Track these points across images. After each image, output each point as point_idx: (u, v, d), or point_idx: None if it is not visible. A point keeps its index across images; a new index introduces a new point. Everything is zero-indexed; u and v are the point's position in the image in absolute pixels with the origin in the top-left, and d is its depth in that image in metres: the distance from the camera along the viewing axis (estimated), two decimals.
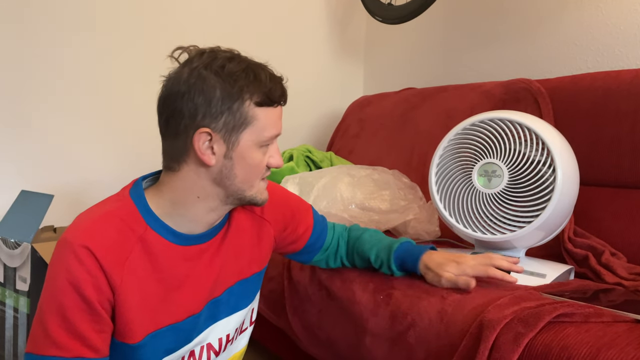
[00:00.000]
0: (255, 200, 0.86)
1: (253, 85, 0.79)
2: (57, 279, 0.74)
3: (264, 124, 0.81)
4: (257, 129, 0.80)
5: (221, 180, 0.82)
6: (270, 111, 0.82)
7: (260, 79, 0.80)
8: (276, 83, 0.82)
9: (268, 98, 0.80)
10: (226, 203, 0.85)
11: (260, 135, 0.81)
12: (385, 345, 0.97)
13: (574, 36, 1.61)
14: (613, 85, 1.29)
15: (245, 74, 0.79)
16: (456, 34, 2.01)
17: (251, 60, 0.83)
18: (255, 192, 0.85)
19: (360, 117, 2.10)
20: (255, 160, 0.82)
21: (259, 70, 0.81)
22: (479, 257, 0.96)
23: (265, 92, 0.80)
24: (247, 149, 0.81)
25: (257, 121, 0.80)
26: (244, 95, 0.78)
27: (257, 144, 0.81)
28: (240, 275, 0.94)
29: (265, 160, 0.84)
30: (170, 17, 1.94)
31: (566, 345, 0.74)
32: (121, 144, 1.88)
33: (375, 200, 1.54)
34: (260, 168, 0.84)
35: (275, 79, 0.83)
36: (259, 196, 0.86)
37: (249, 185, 0.84)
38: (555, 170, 1.02)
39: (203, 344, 0.91)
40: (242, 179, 0.83)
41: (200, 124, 0.78)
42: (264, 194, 0.88)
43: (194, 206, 0.83)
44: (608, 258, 1.14)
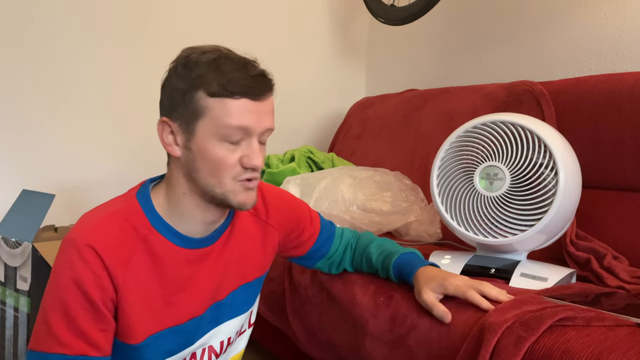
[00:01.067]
0: (228, 201, 0.80)
1: (211, 75, 0.75)
2: (61, 277, 0.75)
3: (219, 116, 0.75)
4: (212, 120, 0.76)
5: (190, 174, 0.80)
6: (228, 102, 0.75)
7: (221, 69, 0.75)
8: (242, 75, 0.76)
9: (224, 88, 0.75)
10: (207, 201, 0.81)
11: (216, 127, 0.76)
12: (385, 348, 0.97)
13: (577, 38, 1.61)
14: (616, 87, 1.29)
15: (207, 64, 0.76)
16: (459, 36, 2.00)
17: (228, 53, 0.79)
18: (225, 192, 0.79)
19: (362, 118, 2.10)
20: (215, 155, 0.77)
21: (225, 60, 0.77)
22: (470, 280, 0.92)
23: (222, 82, 0.75)
24: (204, 142, 0.77)
25: (211, 112, 0.76)
26: (198, 84, 0.75)
27: (216, 137, 0.76)
28: (244, 279, 0.94)
29: (234, 158, 0.78)
30: (171, 17, 1.94)
31: (568, 349, 0.73)
32: (123, 143, 1.88)
33: (377, 201, 1.53)
34: (226, 165, 0.78)
35: (243, 71, 0.76)
36: (232, 197, 0.80)
37: (217, 182, 0.78)
38: (558, 173, 1.01)
39: (205, 346, 0.91)
40: (207, 174, 0.78)
41: (163, 114, 0.80)
42: (240, 196, 0.80)
43: (184, 203, 0.82)
44: (610, 261, 1.14)
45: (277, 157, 1.86)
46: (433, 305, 0.89)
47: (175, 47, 0.83)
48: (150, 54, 1.88)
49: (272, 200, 0.99)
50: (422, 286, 0.93)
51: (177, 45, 0.84)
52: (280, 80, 0.84)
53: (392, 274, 1.01)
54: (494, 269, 1.08)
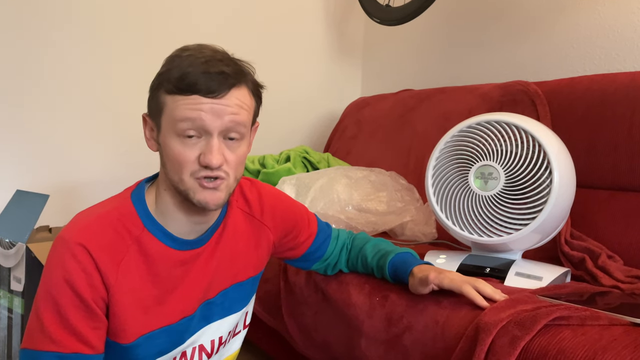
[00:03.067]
0: (190, 199, 0.79)
1: (169, 72, 0.77)
2: (53, 276, 0.75)
3: (172, 112, 0.76)
4: (168, 116, 0.77)
5: (163, 170, 0.82)
6: (181, 99, 0.75)
7: (177, 66, 0.76)
8: (195, 71, 0.75)
9: (175, 86, 0.75)
10: (181, 200, 0.81)
11: (171, 123, 0.76)
12: (380, 348, 0.97)
13: (572, 39, 1.61)
14: (610, 88, 1.29)
15: (169, 61, 0.78)
16: (454, 36, 2.01)
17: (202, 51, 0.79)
18: (186, 189, 0.78)
19: (357, 118, 2.10)
20: (172, 150, 0.77)
21: (186, 59, 0.77)
22: (465, 276, 0.92)
23: (174, 79, 0.75)
24: (165, 137, 0.78)
25: (167, 108, 0.77)
26: (161, 82, 0.78)
27: (173, 132, 0.77)
28: (236, 279, 0.93)
29: (192, 155, 0.77)
30: (168, 18, 1.94)
31: (562, 349, 0.73)
32: (117, 144, 1.87)
33: (372, 201, 1.53)
34: (183, 161, 0.77)
35: (198, 67, 0.76)
36: (192, 195, 0.78)
37: (178, 178, 0.78)
38: (552, 172, 1.01)
39: (195, 345, 0.90)
40: (171, 169, 0.79)
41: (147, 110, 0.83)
42: (200, 195, 0.78)
43: (166, 200, 0.82)
44: (605, 261, 1.14)
45: (273, 157, 1.86)
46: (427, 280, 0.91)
47: (171, 47, 0.83)
48: (147, 55, 1.88)
49: (269, 200, 0.99)
50: (419, 275, 0.93)
51: (173, 46, 0.84)
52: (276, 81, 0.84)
53: (387, 273, 1.01)
54: (489, 268, 1.08)
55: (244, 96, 0.79)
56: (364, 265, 1.07)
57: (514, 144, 1.06)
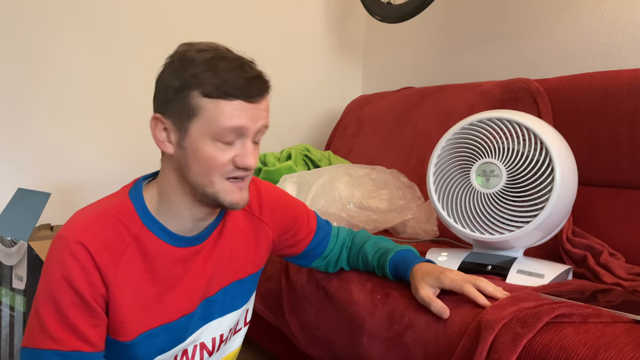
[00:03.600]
0: (219, 201, 0.80)
1: (206, 75, 0.75)
2: (52, 274, 0.75)
3: (213, 117, 0.75)
4: (206, 120, 0.75)
5: (182, 172, 0.80)
6: (222, 104, 0.75)
7: (216, 70, 0.75)
8: (237, 76, 0.75)
9: (218, 90, 0.75)
10: (197, 200, 0.81)
11: (210, 127, 0.76)
12: (382, 346, 0.97)
13: (573, 36, 1.61)
14: (612, 85, 1.29)
15: (203, 63, 0.75)
16: (455, 33, 2.00)
17: (228, 53, 0.79)
18: (216, 191, 0.79)
19: (358, 116, 2.10)
20: (208, 154, 0.77)
21: (221, 61, 0.76)
22: (466, 275, 0.92)
23: (216, 83, 0.74)
24: (197, 141, 0.76)
25: (205, 112, 0.75)
26: (192, 84, 0.75)
27: (209, 136, 0.76)
28: (236, 276, 0.93)
29: (227, 157, 0.78)
30: (168, 16, 1.93)
31: (565, 346, 0.73)
32: (118, 142, 1.87)
33: (374, 199, 1.53)
34: (217, 164, 0.77)
35: (239, 72, 0.76)
36: (223, 197, 0.79)
37: (208, 181, 0.78)
38: (554, 170, 1.01)
39: (196, 343, 0.90)
40: (198, 173, 0.78)
41: (156, 109, 0.79)
42: (232, 196, 0.80)
43: (173, 199, 0.82)
44: (606, 258, 1.14)
45: (274, 155, 1.86)
46: (431, 300, 0.89)
47: (172, 46, 0.82)
48: (148, 54, 1.88)
49: (267, 198, 0.99)
50: (419, 282, 0.92)
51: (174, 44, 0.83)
52: (277, 79, 0.84)
53: (388, 271, 1.01)
54: (491, 265, 1.08)
55: (268, 100, 0.81)
56: (364, 264, 1.07)
57: (516, 142, 1.06)
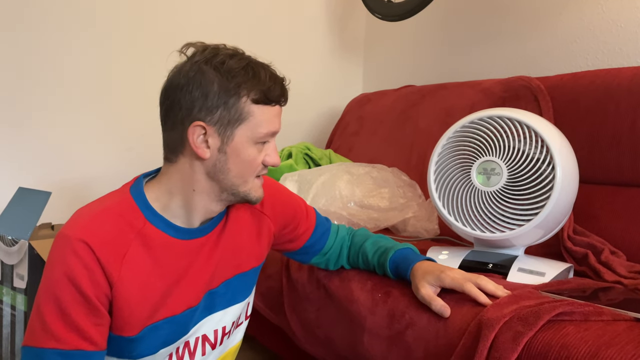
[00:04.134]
0: (249, 197, 0.86)
1: (251, 82, 0.80)
2: (54, 273, 0.75)
3: (260, 121, 0.82)
4: (252, 125, 0.81)
5: (215, 175, 0.83)
6: (267, 109, 0.82)
7: (259, 77, 0.81)
8: (276, 83, 0.83)
9: (265, 96, 0.81)
10: (221, 198, 0.86)
11: (255, 131, 0.82)
12: (383, 344, 0.97)
13: (574, 33, 1.61)
14: (613, 82, 1.29)
15: (245, 71, 0.80)
16: (456, 31, 2.00)
17: (253, 58, 0.84)
18: (249, 189, 0.85)
19: (359, 114, 2.10)
20: (249, 157, 0.83)
21: (259, 68, 0.82)
22: (467, 273, 0.92)
23: (263, 90, 0.81)
24: (241, 145, 0.81)
25: (253, 117, 0.81)
26: (241, 91, 0.79)
27: (252, 140, 0.82)
28: (239, 269, 0.94)
29: (261, 158, 0.85)
30: (169, 16, 1.93)
31: (566, 344, 0.73)
32: (119, 141, 1.87)
33: (374, 198, 1.53)
34: (255, 165, 0.84)
35: (275, 79, 0.83)
36: (253, 193, 0.86)
37: (243, 180, 0.84)
38: (555, 168, 1.01)
39: (198, 335, 0.91)
40: (236, 174, 0.83)
41: (195, 117, 0.79)
42: (259, 191, 0.88)
43: (191, 199, 0.84)
44: (607, 256, 1.13)
45: None
46: (431, 299, 0.89)
47: (173, 45, 0.83)
48: (147, 53, 1.88)
49: (268, 191, 0.99)
50: (419, 281, 0.93)
51: (174, 43, 0.84)
52: None
53: (388, 270, 1.01)
54: (492, 264, 1.08)
55: None
56: (365, 263, 1.07)
57: (517, 140, 1.06)
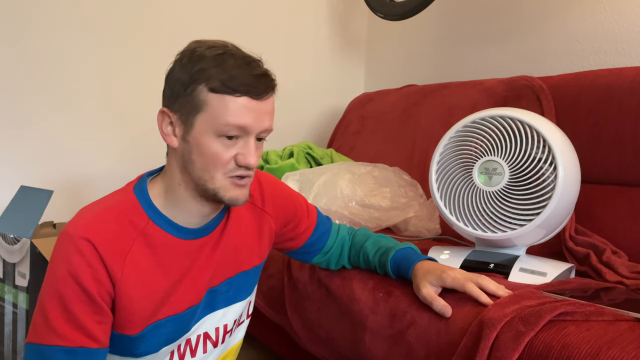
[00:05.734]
0: (219, 197, 0.80)
1: (213, 70, 0.75)
2: (58, 270, 0.75)
3: (218, 112, 0.76)
4: (210, 116, 0.76)
5: (185, 166, 0.80)
6: (227, 99, 0.76)
7: (224, 65, 0.76)
8: (244, 73, 0.76)
9: (224, 85, 0.75)
10: (200, 194, 0.82)
11: (214, 123, 0.76)
12: (384, 344, 0.97)
13: (577, 33, 1.60)
14: (616, 82, 1.28)
15: (212, 59, 0.76)
16: (458, 31, 2.00)
17: (234, 49, 0.79)
18: (217, 188, 0.79)
19: (361, 113, 2.10)
20: (210, 150, 0.77)
21: (230, 57, 0.77)
22: (468, 273, 0.91)
23: (223, 78, 0.75)
24: (201, 136, 0.77)
25: (210, 107, 0.76)
26: (199, 78, 0.76)
27: (213, 132, 0.77)
28: (241, 267, 0.94)
29: (229, 155, 0.78)
30: (169, 14, 1.93)
31: (567, 344, 0.73)
32: (121, 139, 1.88)
33: (376, 197, 1.53)
34: (220, 160, 0.78)
35: (246, 69, 0.77)
36: (224, 193, 0.80)
37: (209, 176, 0.79)
38: (557, 168, 1.01)
39: (199, 332, 0.91)
40: (200, 167, 0.79)
41: (164, 104, 0.81)
42: (232, 192, 0.80)
43: (179, 194, 0.83)
44: (609, 256, 1.13)
45: (276, 152, 1.86)
46: (433, 299, 0.89)
47: (173, 44, 0.83)
48: (149, 51, 1.88)
49: (269, 189, 0.99)
50: (421, 280, 0.92)
51: (175, 42, 0.84)
52: (279, 76, 0.84)
53: (389, 270, 1.01)
54: (493, 264, 1.08)
55: (273, 101, 0.82)
56: (366, 263, 1.07)
57: (519, 139, 1.05)
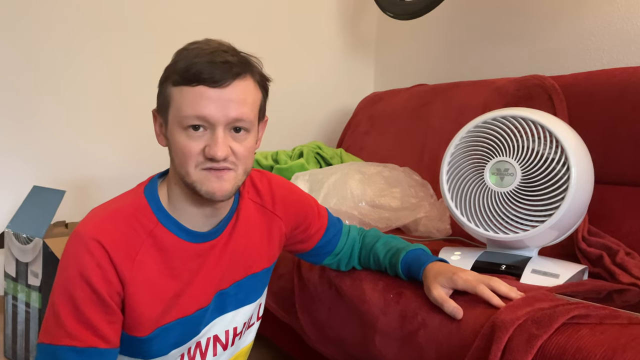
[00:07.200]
0: (197, 191, 0.79)
1: (175, 65, 0.78)
2: (68, 271, 0.76)
3: (179, 104, 0.77)
4: (175, 109, 0.77)
5: (172, 164, 0.83)
6: (186, 91, 0.76)
7: (184, 59, 0.77)
8: (200, 62, 0.75)
9: (180, 77, 0.76)
10: (190, 193, 0.81)
11: (178, 115, 0.77)
12: (395, 345, 0.97)
13: (590, 31, 1.59)
14: (630, 81, 1.27)
15: (177, 54, 0.79)
16: (469, 30, 1.98)
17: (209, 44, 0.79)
18: (194, 182, 0.78)
19: (371, 113, 2.09)
20: (178, 143, 0.77)
21: (194, 51, 0.78)
22: (479, 275, 0.90)
23: (180, 70, 0.76)
24: (172, 131, 0.79)
25: (173, 101, 0.78)
26: (168, 75, 0.79)
27: (179, 125, 0.77)
28: (250, 270, 0.94)
29: (197, 147, 0.77)
30: (178, 12, 1.94)
31: (581, 347, 0.72)
32: (132, 140, 1.89)
33: (386, 197, 1.53)
34: (188, 153, 0.77)
35: (203, 57, 0.76)
36: (200, 186, 0.78)
37: (185, 171, 0.78)
38: (569, 168, 1.00)
39: (209, 336, 0.91)
40: (178, 164, 0.79)
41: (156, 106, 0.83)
42: (207, 185, 0.78)
43: (177, 195, 0.83)
44: (623, 258, 1.12)
45: (286, 153, 1.86)
46: (444, 301, 0.88)
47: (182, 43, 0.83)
48: (160, 52, 1.88)
49: (279, 191, 0.99)
50: (432, 282, 0.92)
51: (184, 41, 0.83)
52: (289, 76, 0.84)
53: (400, 271, 1.00)
54: (505, 265, 1.07)
55: (248, 87, 0.79)
56: (376, 264, 1.07)
57: (531, 140, 1.04)
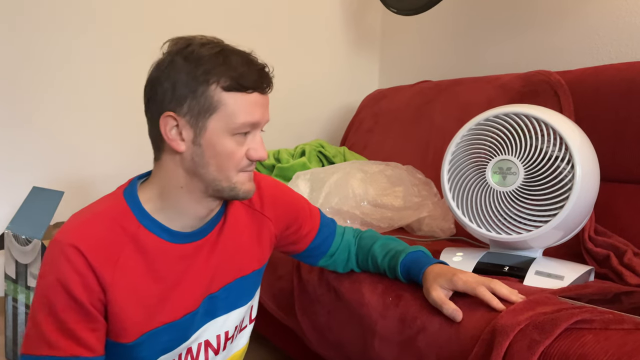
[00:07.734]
0: (234, 193, 0.81)
1: (221, 68, 0.75)
2: (47, 279, 0.74)
3: (233, 110, 0.76)
4: (225, 115, 0.76)
5: (195, 169, 0.79)
6: (241, 97, 0.76)
7: (230, 63, 0.76)
8: (251, 68, 0.77)
9: (237, 82, 0.75)
10: (208, 195, 0.81)
11: (229, 122, 0.76)
12: (394, 349, 0.94)
13: (597, 26, 1.55)
14: (637, 76, 1.24)
15: (215, 58, 0.76)
16: (473, 25, 1.95)
17: (228, 45, 0.79)
18: (233, 184, 0.80)
19: (374, 111, 2.07)
20: (226, 149, 0.77)
21: (230, 54, 0.77)
22: (479, 277, 0.88)
23: (234, 76, 0.75)
24: (216, 136, 0.77)
25: (225, 107, 0.76)
26: (209, 78, 0.75)
27: (228, 131, 0.77)
28: (240, 272, 0.92)
29: (242, 151, 0.79)
30: (178, 11, 1.92)
31: (584, 354, 0.70)
32: (131, 140, 1.88)
33: (388, 196, 1.50)
34: (235, 158, 0.78)
35: (250, 65, 0.77)
36: (240, 187, 0.80)
37: (225, 176, 0.79)
38: (574, 166, 0.97)
39: (200, 341, 0.89)
40: (216, 168, 0.78)
41: (166, 108, 0.77)
42: (246, 185, 0.81)
43: (180, 197, 0.81)
44: (631, 258, 1.09)
45: (288, 151, 1.84)
46: (443, 303, 0.86)
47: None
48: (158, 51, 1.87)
49: (268, 191, 0.97)
50: (431, 284, 0.90)
51: None
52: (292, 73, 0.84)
53: (399, 274, 0.98)
54: (508, 266, 1.04)
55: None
56: (375, 266, 1.04)
57: (534, 137, 1.02)
